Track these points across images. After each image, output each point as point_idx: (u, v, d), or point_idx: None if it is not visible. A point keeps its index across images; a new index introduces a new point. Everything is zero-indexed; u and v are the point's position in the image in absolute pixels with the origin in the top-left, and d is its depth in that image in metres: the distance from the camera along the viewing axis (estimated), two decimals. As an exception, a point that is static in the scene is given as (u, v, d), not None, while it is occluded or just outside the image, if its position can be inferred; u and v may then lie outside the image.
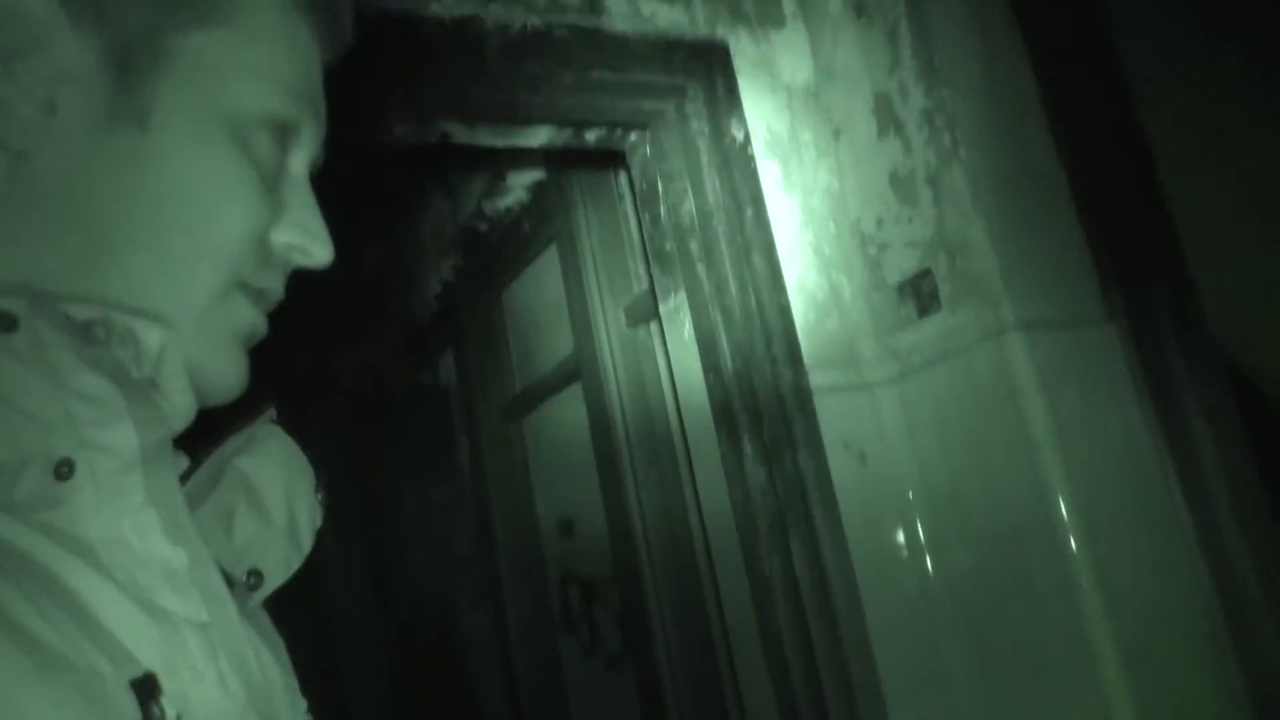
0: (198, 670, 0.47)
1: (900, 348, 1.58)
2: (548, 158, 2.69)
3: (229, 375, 0.58)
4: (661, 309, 1.77)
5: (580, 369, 2.68)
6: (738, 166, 1.60)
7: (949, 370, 1.49)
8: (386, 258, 3.78)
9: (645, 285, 2.28)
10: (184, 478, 0.56)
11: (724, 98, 1.62)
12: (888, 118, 1.57)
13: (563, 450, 3.17)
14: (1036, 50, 1.56)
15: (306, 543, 0.63)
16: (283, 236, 0.60)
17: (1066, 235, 1.50)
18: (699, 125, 1.62)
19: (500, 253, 3.17)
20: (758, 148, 1.64)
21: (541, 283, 3.11)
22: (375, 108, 1.58)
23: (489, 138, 1.73)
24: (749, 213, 1.58)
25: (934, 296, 1.51)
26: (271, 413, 0.64)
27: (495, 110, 1.59)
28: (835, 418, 1.54)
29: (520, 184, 2.90)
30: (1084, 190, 1.52)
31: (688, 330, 1.67)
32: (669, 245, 1.70)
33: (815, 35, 1.70)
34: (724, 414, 1.56)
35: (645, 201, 1.77)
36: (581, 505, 3.07)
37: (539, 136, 1.74)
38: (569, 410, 2.96)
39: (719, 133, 1.61)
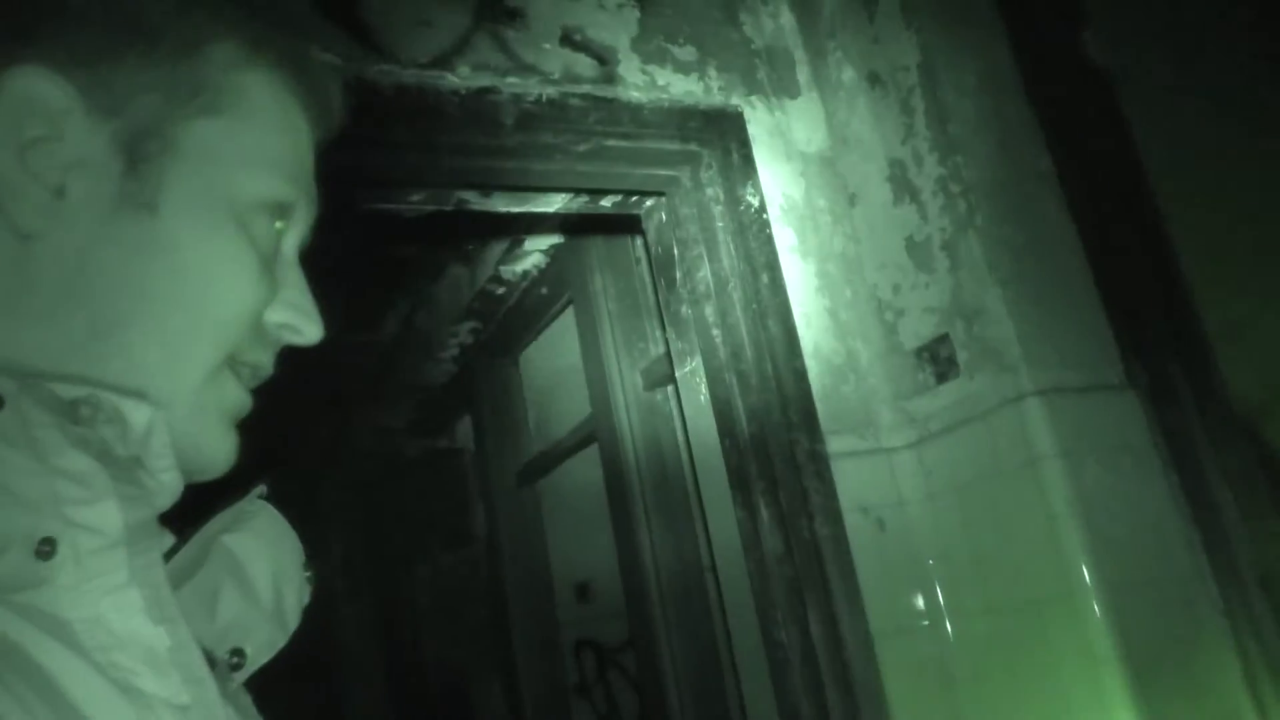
0: None
1: (918, 413, 1.57)
2: (564, 224, 2.72)
3: (221, 451, 0.59)
4: (678, 373, 1.77)
5: (596, 432, 2.67)
6: (753, 233, 1.61)
7: (968, 436, 1.48)
8: (403, 324, 3.80)
9: (662, 348, 2.28)
10: (169, 554, 0.56)
11: (739, 164, 1.64)
12: (903, 185, 1.58)
13: (579, 514, 3.16)
14: (1048, 122, 1.58)
15: (292, 622, 0.62)
16: (276, 316, 0.61)
17: (1083, 302, 1.50)
18: (714, 192, 1.63)
19: (517, 316, 3.19)
20: (773, 214, 1.65)
21: (558, 346, 3.12)
22: (393, 177, 1.60)
23: (504, 204, 1.75)
24: (764, 278, 1.59)
25: (952, 362, 1.51)
26: (262, 489, 0.64)
27: (510, 178, 1.61)
28: (853, 483, 1.53)
29: (538, 248, 2.93)
30: (1099, 258, 1.52)
31: (704, 395, 1.66)
32: (685, 310, 1.71)
33: (829, 104, 1.72)
34: (740, 479, 1.55)
35: (661, 267, 1.78)
36: (597, 569, 3.05)
37: (554, 203, 1.76)
38: (585, 473, 2.95)
39: (734, 199, 1.62)
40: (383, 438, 4.42)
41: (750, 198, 1.63)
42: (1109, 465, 1.38)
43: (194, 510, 0.59)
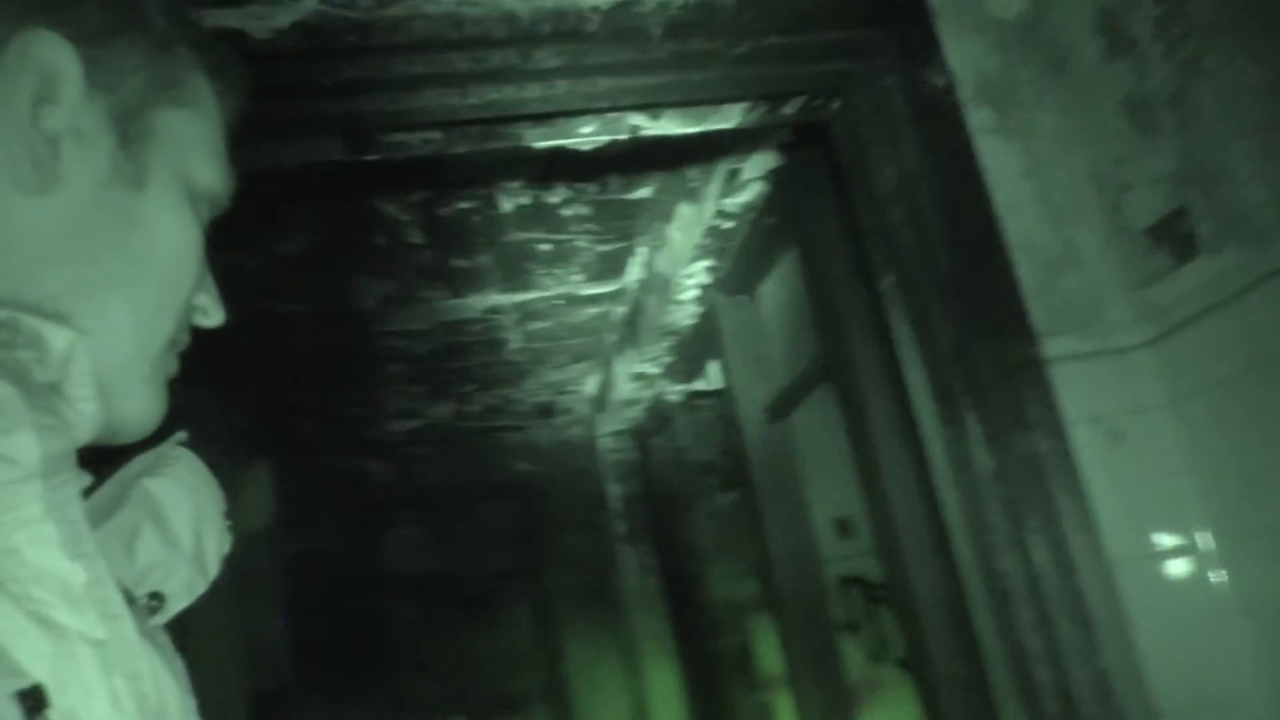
0: (89, 687, 0.46)
1: (1158, 303, 1.33)
2: (754, 141, 2.60)
3: (158, 413, 0.62)
4: (880, 286, 1.61)
5: (830, 367, 2.55)
6: (940, 117, 1.42)
7: (1220, 324, 1.24)
8: (646, 268, 3.81)
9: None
10: (86, 494, 0.55)
11: (919, 45, 1.45)
12: (1116, 36, 1.33)
13: (834, 448, 3.04)
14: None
15: (213, 569, 0.64)
16: (197, 298, 0.65)
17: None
18: (894, 80, 1.46)
19: (748, 251, 3.10)
20: (967, 94, 1.45)
21: (793, 276, 3.01)
22: (553, 110, 1.56)
23: (679, 125, 1.66)
24: (956, 167, 1.40)
25: (1192, 239, 1.26)
26: (182, 435, 0.66)
27: (672, 94, 1.52)
28: (1081, 390, 1.33)
29: (756, 175, 2.81)
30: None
31: (900, 314, 1.51)
32: (875, 217, 1.55)
33: (1026, -42, 1.48)
34: (943, 393, 1.39)
35: (852, 174, 1.63)
36: (858, 504, 2.93)
37: (732, 117, 1.65)
38: (833, 406, 2.83)
39: (917, 84, 1.44)
40: (642, 384, 4.49)
41: (935, 79, 1.44)
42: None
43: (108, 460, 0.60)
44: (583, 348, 4.51)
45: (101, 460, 0.59)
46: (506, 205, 3.07)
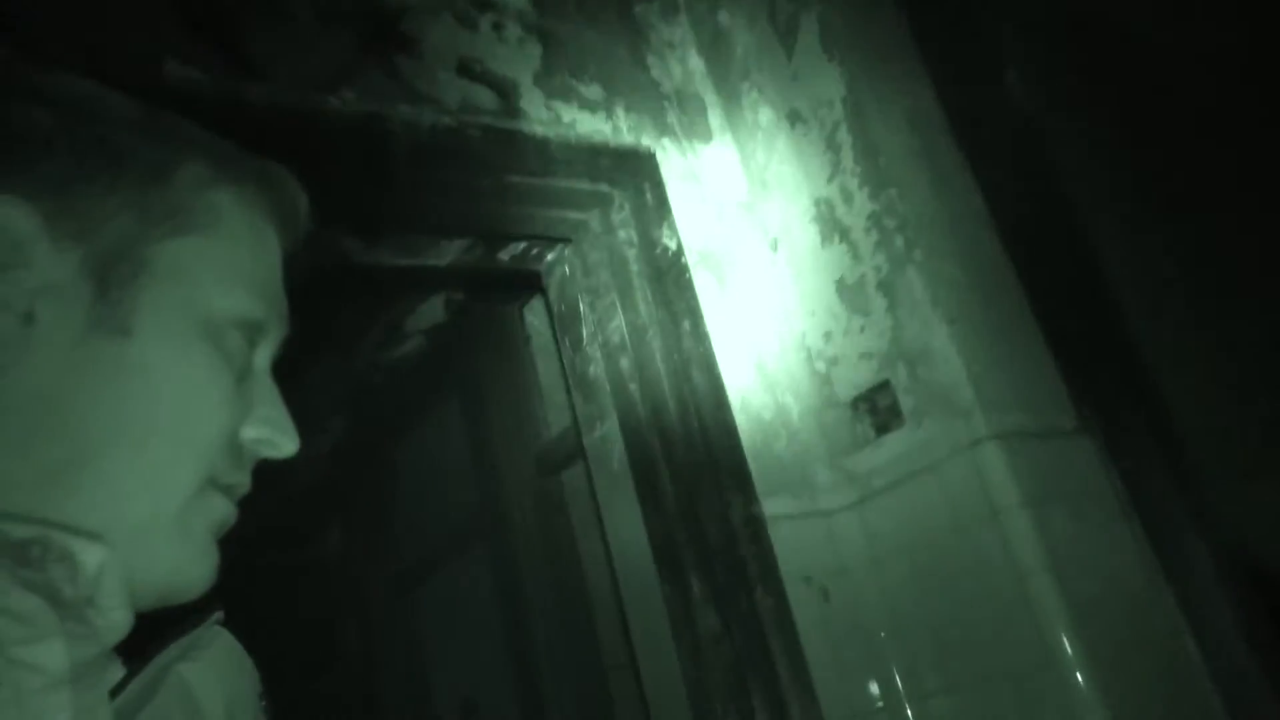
0: None
1: (858, 470, 1.42)
2: (456, 283, 2.55)
3: (203, 572, 0.59)
4: (586, 440, 1.58)
5: (485, 530, 2.46)
6: (672, 277, 1.46)
7: (917, 491, 1.34)
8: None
9: (554, 431, 2.10)
10: (120, 686, 0.53)
11: (653, 205, 1.50)
12: (830, 224, 1.47)
13: (466, 623, 2.89)
14: (976, 162, 1.51)
15: None
16: (251, 432, 0.61)
17: (1030, 344, 1.40)
18: (627, 235, 1.49)
19: (397, 408, 2.96)
20: (691, 261, 1.52)
21: (443, 439, 2.90)
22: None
23: (392, 255, 1.56)
24: (686, 325, 1.44)
25: (894, 411, 1.37)
26: (219, 614, 0.62)
27: (401, 221, 1.43)
28: (792, 549, 1.36)
29: (419, 329, 2.73)
30: (1040, 300, 1.44)
31: (618, 460, 1.48)
32: (594, 370, 1.54)
33: (746, 147, 1.61)
34: (666, 551, 1.36)
35: (566, 325, 1.61)
36: (488, 684, 2.78)
37: (447, 254, 1.58)
38: (473, 577, 2.70)
39: (649, 242, 1.48)
40: (237, 547, 4.04)
41: (667, 240, 1.49)
42: (1076, 515, 1.26)
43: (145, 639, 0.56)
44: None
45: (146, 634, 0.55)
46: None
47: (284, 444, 0.63)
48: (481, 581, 2.56)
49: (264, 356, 0.64)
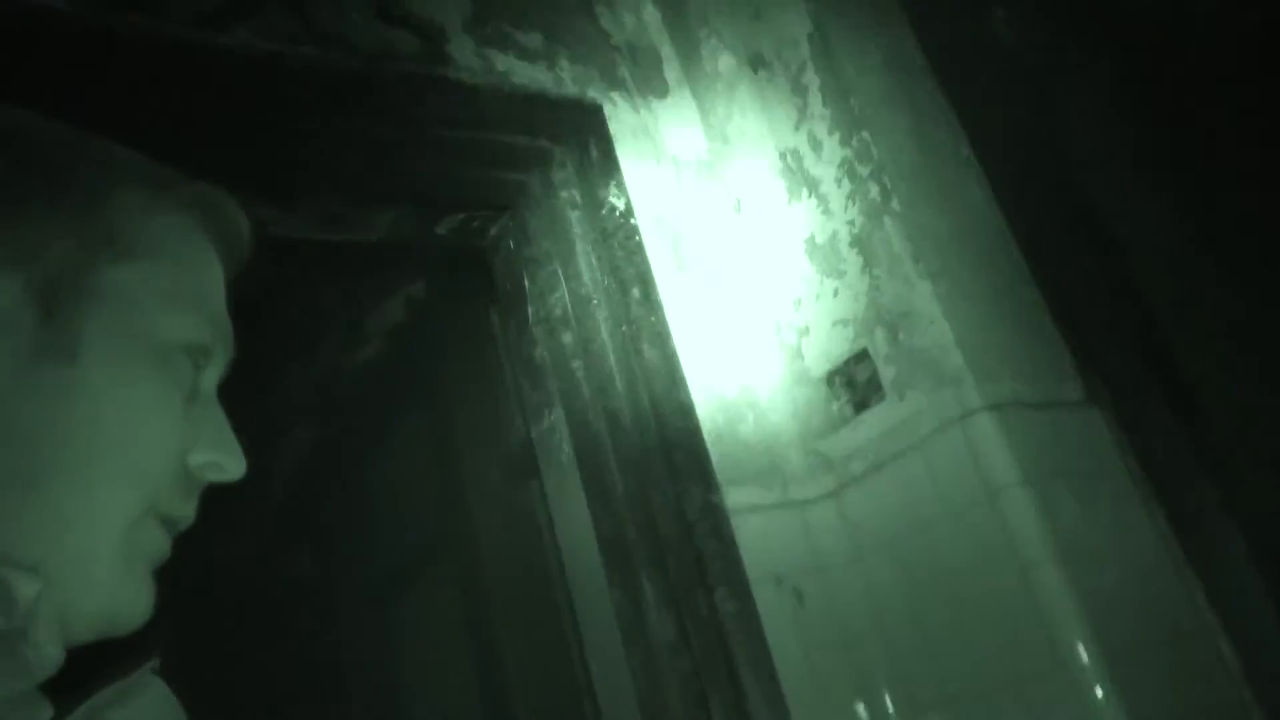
0: None
1: (835, 453, 1.25)
2: (407, 304, 2.40)
3: (140, 604, 0.57)
4: (534, 432, 1.41)
5: (449, 549, 2.28)
6: (619, 240, 1.29)
7: (901, 473, 1.17)
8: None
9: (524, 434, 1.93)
10: None
11: (599, 162, 1.34)
12: (798, 178, 1.30)
13: (442, 650, 2.71)
14: (962, 107, 1.34)
15: None
16: (199, 456, 0.60)
17: (1028, 305, 1.22)
18: (570, 195, 1.32)
19: (363, 418, 2.79)
20: (645, 227, 1.35)
21: (412, 449, 2.73)
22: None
23: (314, 227, 1.39)
24: (635, 293, 1.26)
25: (873, 384, 1.20)
26: (155, 663, 0.59)
27: (314, 182, 1.27)
28: (761, 545, 1.19)
29: (380, 330, 2.56)
30: (1038, 256, 1.27)
31: (567, 452, 1.31)
32: (539, 351, 1.36)
33: (705, 100, 1.45)
34: (615, 549, 1.18)
35: (511, 305, 1.44)
36: (464, 714, 2.60)
37: (378, 225, 1.41)
38: (444, 596, 2.53)
39: (595, 202, 1.31)
40: (214, 572, 3.86)
41: (614, 199, 1.32)
42: (1086, 496, 1.08)
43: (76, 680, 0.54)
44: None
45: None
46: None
47: (232, 467, 0.61)
48: (452, 601, 2.39)
49: (210, 380, 0.63)
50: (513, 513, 1.94)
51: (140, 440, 0.56)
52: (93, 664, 0.56)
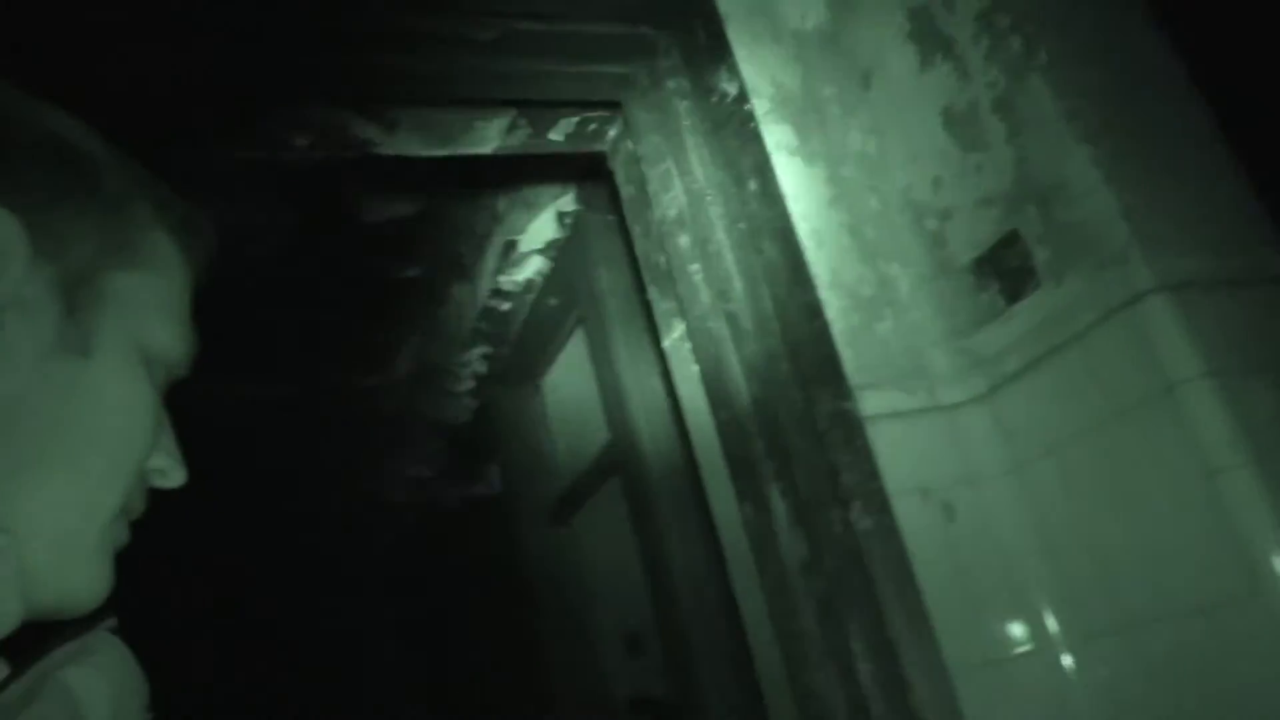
0: None
1: (986, 350, 1.11)
2: (558, 218, 2.36)
3: (103, 589, 0.59)
4: (665, 343, 1.33)
5: (618, 459, 2.27)
6: (733, 129, 1.18)
7: (1061, 370, 1.02)
8: (415, 359, 3.44)
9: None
10: (3, 685, 0.54)
11: (707, 45, 1.22)
12: (931, 39, 1.14)
13: (624, 554, 2.74)
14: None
15: None
16: (156, 461, 0.63)
17: (1213, 164, 1.03)
18: (677, 84, 1.21)
19: (530, 336, 2.81)
20: (764, 111, 1.22)
21: (580, 360, 2.73)
22: (263, 107, 1.23)
23: (421, 144, 1.35)
24: (752, 185, 1.15)
25: (1026, 270, 1.05)
26: (112, 621, 0.62)
27: (412, 93, 1.22)
28: (903, 456, 1.07)
29: (534, 247, 2.54)
30: (1229, 104, 1.06)
31: (690, 359, 1.23)
32: (661, 257, 1.28)
33: (826, -38, 1.29)
34: (741, 463, 1.10)
35: (635, 211, 1.36)
36: (650, 617, 2.63)
37: (487, 136, 1.36)
38: (621, 505, 2.54)
39: (704, 89, 1.20)
40: (415, 489, 4.06)
41: (726, 85, 1.20)
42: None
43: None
44: (349, 448, 4.03)
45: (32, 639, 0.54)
46: (247, 281, 2.63)
47: (177, 475, 0.65)
48: (625, 511, 2.40)
49: (164, 387, 0.66)
50: (662, 422, 1.89)
51: (133, 438, 0.60)
52: (51, 627, 0.58)
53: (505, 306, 2.84)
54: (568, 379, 2.93)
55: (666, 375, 1.49)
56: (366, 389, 3.61)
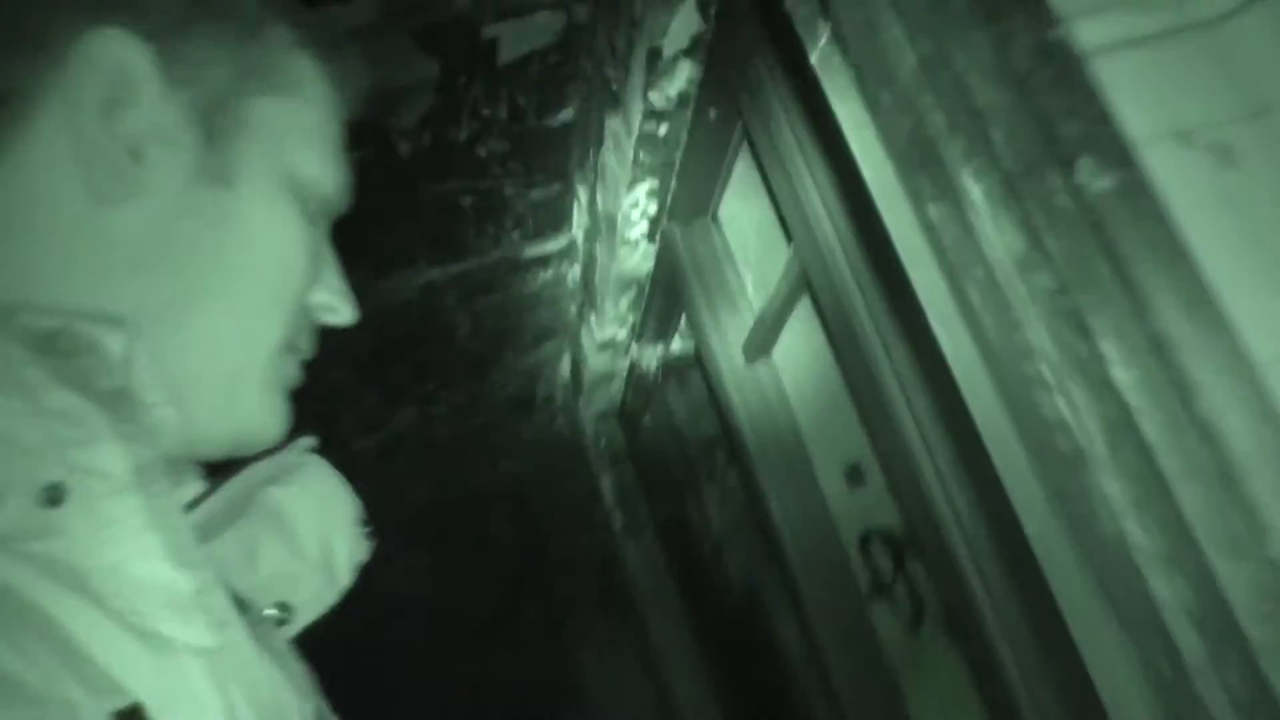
0: (200, 701, 0.44)
1: (1258, -76, 0.77)
2: (700, 6, 2.12)
3: (280, 424, 0.59)
4: (813, 59, 1.06)
5: (804, 276, 2.03)
6: None
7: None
8: (588, 212, 3.28)
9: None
10: (198, 500, 0.55)
11: None
12: None
13: (825, 381, 2.51)
14: None
15: (344, 578, 0.61)
16: (320, 297, 0.62)
17: None
18: None
19: (693, 160, 2.57)
20: None
21: (752, 178, 2.47)
22: None
23: None
24: None
25: None
26: (310, 441, 0.63)
27: None
28: (1145, 94, 0.77)
29: (680, 47, 2.27)
30: None
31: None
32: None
33: None
34: (912, 153, 0.83)
35: None
36: (866, 443, 2.40)
37: None
38: (817, 324, 2.31)
39: None
40: (613, 353, 3.96)
41: None
42: None
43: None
44: (543, 322, 3.96)
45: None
46: (403, 148, 2.54)
47: (345, 310, 0.63)
48: (822, 331, 2.18)
49: (325, 226, 0.63)
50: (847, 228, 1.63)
51: (287, 271, 0.58)
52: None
53: (663, 130, 2.60)
54: (743, 205, 2.69)
55: (847, 165, 1.21)
56: (547, 255, 3.51)
